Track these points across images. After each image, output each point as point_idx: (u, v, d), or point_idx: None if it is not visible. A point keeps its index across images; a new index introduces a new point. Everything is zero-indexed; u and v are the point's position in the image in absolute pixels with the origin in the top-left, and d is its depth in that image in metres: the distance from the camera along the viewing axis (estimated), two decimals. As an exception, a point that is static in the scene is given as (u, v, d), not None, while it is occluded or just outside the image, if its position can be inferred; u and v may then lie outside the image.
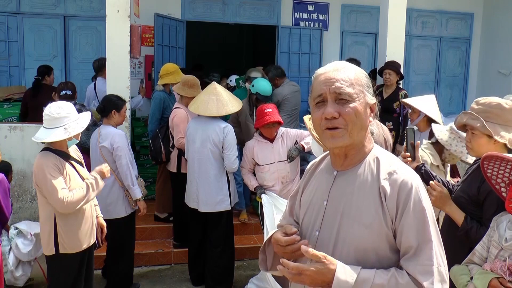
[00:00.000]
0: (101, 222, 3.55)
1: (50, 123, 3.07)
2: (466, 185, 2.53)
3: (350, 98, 1.44)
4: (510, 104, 2.38)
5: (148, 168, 6.12)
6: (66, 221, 3.12)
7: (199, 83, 4.87)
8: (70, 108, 3.14)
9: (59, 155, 3.13)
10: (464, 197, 2.47)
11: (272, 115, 4.08)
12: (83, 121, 3.18)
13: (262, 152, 4.22)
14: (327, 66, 1.53)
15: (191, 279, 4.63)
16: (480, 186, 2.38)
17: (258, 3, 7.65)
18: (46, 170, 3.00)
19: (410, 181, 1.44)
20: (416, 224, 1.40)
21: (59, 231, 3.11)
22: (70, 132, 3.05)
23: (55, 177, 3.01)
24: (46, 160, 3.04)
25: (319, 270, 1.38)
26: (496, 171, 2.12)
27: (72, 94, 5.18)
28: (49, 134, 3.05)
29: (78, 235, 3.18)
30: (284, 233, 1.53)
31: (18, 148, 5.26)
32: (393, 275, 1.38)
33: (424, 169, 2.81)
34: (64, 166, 3.11)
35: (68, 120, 3.07)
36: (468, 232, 2.36)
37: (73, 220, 3.14)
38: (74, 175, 3.17)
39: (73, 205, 3.03)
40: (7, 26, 6.97)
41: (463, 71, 8.70)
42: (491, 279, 1.95)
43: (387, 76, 5.50)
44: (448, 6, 8.37)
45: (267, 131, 4.17)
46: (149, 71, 7.21)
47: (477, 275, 2.04)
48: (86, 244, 3.25)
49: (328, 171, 1.60)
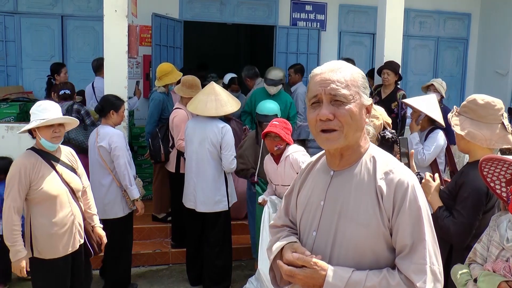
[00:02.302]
0: (99, 232, 3.46)
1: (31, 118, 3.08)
2: (450, 182, 2.63)
3: (345, 100, 1.44)
4: (485, 100, 2.44)
5: (146, 168, 6.11)
6: (40, 224, 3.04)
7: (199, 83, 4.85)
8: (43, 106, 3.07)
9: (42, 156, 3.07)
10: (446, 192, 2.54)
11: (274, 126, 3.74)
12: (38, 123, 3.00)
13: (270, 171, 4.02)
14: (323, 66, 1.52)
15: (189, 279, 4.63)
16: (457, 180, 2.48)
17: (255, 3, 7.65)
18: (16, 172, 2.98)
19: (407, 180, 1.44)
20: (411, 222, 1.41)
21: (34, 234, 3.04)
22: (28, 127, 3.01)
23: (16, 185, 2.96)
24: (23, 162, 3.01)
25: (310, 274, 1.42)
26: (492, 171, 2.13)
27: (71, 94, 5.16)
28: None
29: (52, 241, 3.06)
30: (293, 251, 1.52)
31: (15, 148, 5.22)
32: (384, 277, 1.39)
33: (420, 177, 2.82)
34: (41, 167, 3.04)
35: (35, 117, 3.03)
36: (436, 219, 2.40)
37: (47, 225, 3.04)
38: (51, 178, 3.05)
39: (3, 217, 2.99)
40: (4, 25, 6.96)
41: (460, 71, 8.73)
42: (500, 282, 1.93)
43: (385, 76, 5.51)
44: (445, 6, 8.39)
45: (268, 143, 3.86)
46: (147, 71, 7.21)
47: (482, 277, 2.02)
48: (64, 251, 3.11)
49: (324, 171, 1.60)
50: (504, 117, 2.44)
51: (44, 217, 3.04)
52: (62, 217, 3.08)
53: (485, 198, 2.35)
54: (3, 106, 6.06)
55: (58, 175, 3.11)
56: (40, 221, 3.04)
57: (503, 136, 2.41)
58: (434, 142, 3.92)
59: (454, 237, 2.38)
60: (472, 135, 2.41)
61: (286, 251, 1.54)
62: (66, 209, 3.11)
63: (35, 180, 3.00)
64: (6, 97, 6.35)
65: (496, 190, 2.15)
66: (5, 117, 5.97)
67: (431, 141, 3.94)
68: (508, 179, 2.11)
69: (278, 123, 3.80)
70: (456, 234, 2.36)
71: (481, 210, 2.36)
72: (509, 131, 2.42)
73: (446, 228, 2.38)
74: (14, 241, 2.95)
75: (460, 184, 2.43)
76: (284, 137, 3.71)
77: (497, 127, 2.41)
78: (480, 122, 2.42)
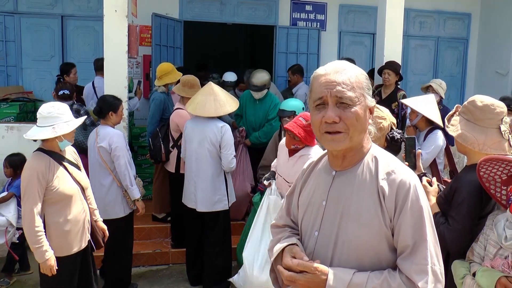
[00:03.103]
0: (101, 226, 3.55)
1: (41, 121, 3.07)
2: (446, 186, 2.55)
3: (351, 103, 1.43)
4: (485, 102, 2.33)
5: (146, 168, 6.11)
6: (55, 223, 3.09)
7: (199, 83, 4.85)
8: (63, 109, 3.13)
9: (52, 156, 3.12)
10: (442, 196, 2.48)
11: (295, 125, 3.47)
12: (74, 123, 3.14)
13: (280, 159, 3.84)
14: (327, 67, 1.51)
15: (189, 279, 4.63)
16: (452, 185, 2.39)
17: (256, 3, 7.65)
18: (32, 175, 2.99)
19: (408, 181, 1.44)
20: (413, 223, 1.41)
21: (48, 233, 3.07)
22: (57, 132, 3.03)
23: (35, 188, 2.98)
24: (38, 164, 3.03)
25: (311, 279, 1.43)
26: (489, 171, 2.11)
27: (70, 94, 5.17)
28: (37, 132, 3.06)
29: (67, 238, 3.14)
30: (292, 256, 1.53)
31: (15, 148, 5.22)
32: (385, 279, 1.39)
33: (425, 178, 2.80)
34: (54, 167, 3.09)
35: (58, 120, 3.06)
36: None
37: (62, 223, 3.11)
38: (64, 177, 3.13)
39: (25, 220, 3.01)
40: (5, 25, 6.96)
41: (460, 71, 8.73)
42: (499, 277, 1.93)
43: (386, 76, 5.51)
44: (445, 6, 8.39)
45: (287, 139, 3.63)
46: (147, 71, 7.21)
47: (480, 272, 2.02)
48: (77, 247, 3.21)
49: (326, 171, 1.60)
50: (503, 122, 2.31)
51: (59, 215, 3.10)
52: (76, 215, 3.18)
53: (480, 204, 2.26)
54: (3, 106, 6.07)
55: (69, 174, 3.18)
56: (55, 220, 3.09)
57: (498, 142, 2.28)
58: (433, 143, 3.90)
59: (449, 244, 2.27)
60: (464, 137, 2.32)
61: (286, 256, 1.54)
62: (79, 207, 3.21)
63: (51, 181, 3.05)
64: (6, 97, 6.35)
65: (491, 191, 2.13)
66: (5, 117, 5.98)
67: (429, 142, 3.92)
68: (504, 179, 2.09)
69: (304, 122, 3.49)
70: (451, 241, 2.27)
71: (477, 215, 2.26)
72: (505, 138, 2.30)
73: (441, 235, 2.26)
74: (40, 242, 2.98)
75: (454, 189, 2.34)
76: (304, 140, 3.49)
77: (493, 132, 2.29)
78: (476, 125, 2.32)
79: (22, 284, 4.55)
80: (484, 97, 2.38)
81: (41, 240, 2.98)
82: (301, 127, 3.47)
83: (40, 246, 2.98)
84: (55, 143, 3.14)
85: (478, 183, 2.24)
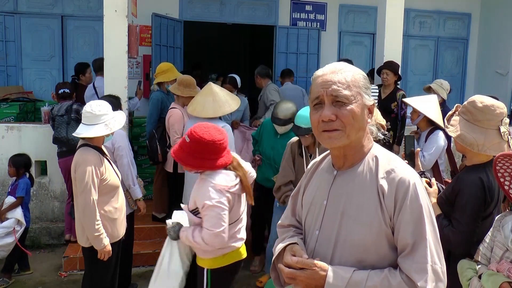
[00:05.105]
0: None
1: (91, 120, 3.21)
2: (446, 187, 2.54)
3: (347, 101, 1.45)
4: (485, 103, 2.31)
5: (146, 168, 6.11)
6: (105, 212, 3.29)
7: (195, 82, 4.85)
8: (108, 107, 3.32)
9: (97, 151, 3.28)
10: (442, 197, 2.47)
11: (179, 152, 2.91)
12: (120, 118, 3.38)
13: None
14: (325, 68, 1.53)
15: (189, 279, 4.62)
16: (453, 186, 2.38)
17: (256, 3, 7.66)
18: (88, 169, 3.15)
19: (408, 179, 1.45)
20: (412, 221, 1.41)
21: (102, 221, 3.24)
22: (111, 128, 3.25)
23: (91, 180, 3.15)
24: (93, 158, 3.20)
25: (311, 276, 1.44)
26: (506, 167, 2.07)
27: (70, 93, 5.19)
28: (90, 130, 3.20)
29: (116, 225, 3.38)
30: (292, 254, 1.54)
31: (16, 148, 5.24)
32: (385, 277, 1.40)
33: (424, 177, 2.81)
34: (103, 161, 3.29)
35: (108, 117, 3.26)
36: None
37: (112, 212, 3.34)
38: (110, 170, 3.35)
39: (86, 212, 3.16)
40: (4, 25, 6.97)
41: (460, 71, 8.74)
42: (502, 282, 1.92)
43: (384, 76, 5.51)
44: (445, 6, 8.39)
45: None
46: (147, 71, 7.21)
47: (486, 276, 2.01)
48: (122, 233, 3.48)
49: (328, 170, 1.61)
50: (503, 123, 2.30)
51: (109, 205, 3.32)
52: (121, 203, 3.46)
53: (483, 205, 2.27)
54: (3, 106, 6.07)
55: (112, 167, 3.41)
56: (106, 209, 3.30)
57: (497, 144, 2.27)
58: (435, 143, 3.89)
59: (454, 246, 2.30)
60: (463, 138, 2.31)
61: (286, 254, 1.55)
62: (122, 196, 3.50)
63: (104, 174, 3.25)
64: (6, 97, 6.36)
65: (505, 187, 2.09)
66: (5, 117, 5.98)
67: (431, 143, 3.91)
68: None
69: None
70: (457, 244, 2.28)
71: (480, 217, 2.28)
72: (504, 139, 2.29)
73: (446, 238, 2.29)
74: (100, 231, 3.21)
75: (457, 191, 2.34)
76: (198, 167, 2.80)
77: (493, 133, 2.28)
78: (475, 126, 2.31)
79: (22, 284, 4.55)
80: (484, 98, 2.37)
81: (100, 229, 3.21)
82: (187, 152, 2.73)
83: (100, 234, 3.21)
84: (102, 139, 3.34)
85: (480, 184, 2.24)
